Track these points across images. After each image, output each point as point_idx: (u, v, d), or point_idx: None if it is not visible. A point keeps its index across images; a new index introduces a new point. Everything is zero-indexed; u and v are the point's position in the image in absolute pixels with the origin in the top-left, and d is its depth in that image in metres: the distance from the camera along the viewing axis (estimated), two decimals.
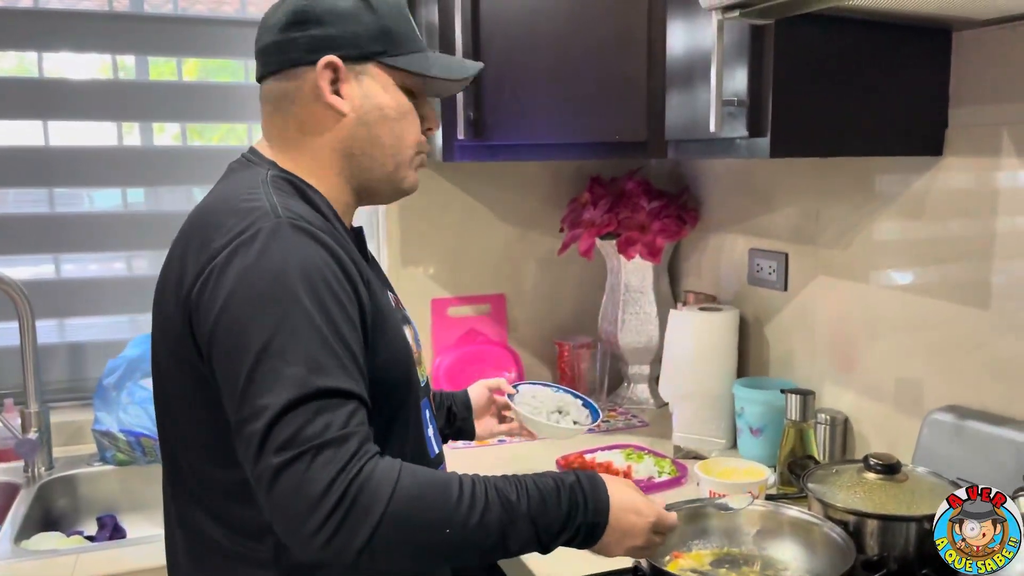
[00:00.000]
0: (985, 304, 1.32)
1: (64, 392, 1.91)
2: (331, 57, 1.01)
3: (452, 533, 0.88)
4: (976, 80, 1.30)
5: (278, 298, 0.87)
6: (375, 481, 0.85)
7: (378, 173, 1.07)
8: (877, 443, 1.54)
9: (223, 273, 0.89)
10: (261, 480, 0.85)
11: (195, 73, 2.01)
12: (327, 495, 0.83)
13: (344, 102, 1.02)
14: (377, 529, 0.84)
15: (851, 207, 1.56)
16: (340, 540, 0.83)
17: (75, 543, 1.53)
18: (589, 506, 0.97)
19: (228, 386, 0.89)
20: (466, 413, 1.41)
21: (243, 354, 0.86)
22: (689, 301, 1.97)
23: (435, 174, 2.02)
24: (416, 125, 1.08)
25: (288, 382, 0.85)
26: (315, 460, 0.83)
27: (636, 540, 1.01)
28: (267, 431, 0.84)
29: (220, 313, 0.89)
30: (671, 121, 1.52)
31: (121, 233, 1.95)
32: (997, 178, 1.29)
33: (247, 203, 0.95)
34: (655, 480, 1.57)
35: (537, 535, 0.93)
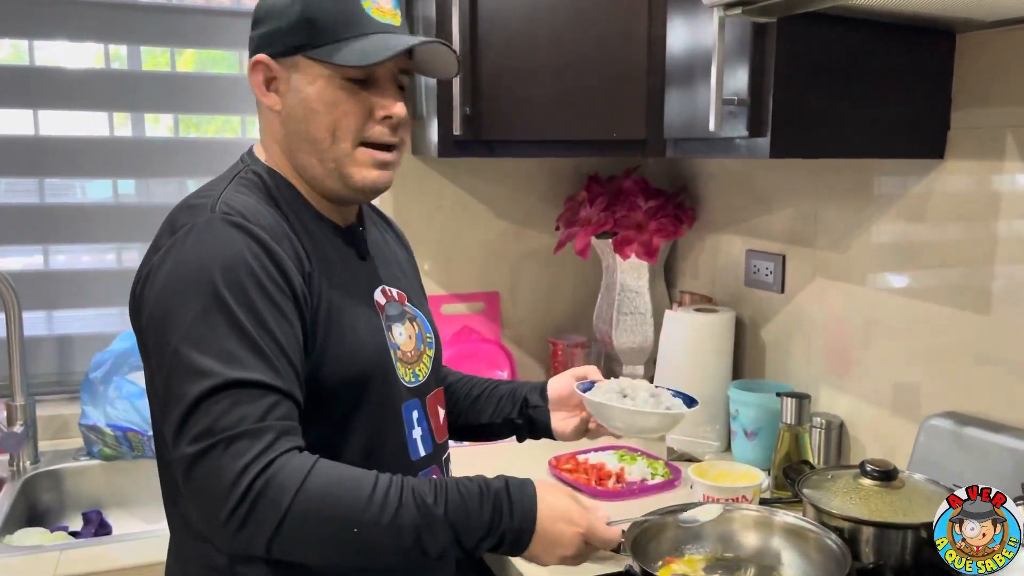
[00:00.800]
0: (985, 309, 1.30)
1: (51, 385, 1.89)
2: (259, 56, 1.02)
3: (360, 532, 0.88)
4: (979, 82, 1.28)
5: (200, 291, 0.90)
6: (283, 475, 0.86)
7: (317, 170, 1.03)
8: (873, 448, 1.52)
9: (158, 270, 0.93)
10: (179, 469, 0.88)
11: (191, 65, 1.99)
12: (235, 486, 0.85)
13: (277, 99, 1.03)
14: (283, 523, 0.86)
15: (850, 209, 1.54)
16: (248, 531, 0.85)
17: (59, 539, 1.51)
18: (515, 514, 0.95)
19: (156, 377, 0.92)
20: (539, 401, 1.27)
21: (164, 346, 0.90)
22: (685, 302, 1.96)
23: (430, 170, 2.00)
24: (354, 117, 1.01)
25: (205, 373, 0.87)
26: (226, 451, 0.86)
27: (567, 550, 0.98)
28: (183, 421, 0.87)
29: (151, 308, 0.93)
30: (670, 119, 1.50)
31: (111, 225, 1.93)
32: (999, 182, 1.27)
33: (197, 200, 0.98)
34: (648, 482, 1.56)
35: (457, 539, 0.92)
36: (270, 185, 1.03)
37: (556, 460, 1.63)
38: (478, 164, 2.04)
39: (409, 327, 1.12)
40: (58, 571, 1.27)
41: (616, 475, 1.57)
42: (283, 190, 1.04)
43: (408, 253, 1.29)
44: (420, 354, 1.13)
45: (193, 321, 0.89)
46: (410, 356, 1.11)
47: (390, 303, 1.11)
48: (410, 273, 1.24)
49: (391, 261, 1.18)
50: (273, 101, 1.02)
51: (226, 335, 0.89)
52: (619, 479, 1.56)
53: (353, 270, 1.08)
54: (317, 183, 1.05)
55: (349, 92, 1.01)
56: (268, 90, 1.03)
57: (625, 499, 1.50)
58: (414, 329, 1.13)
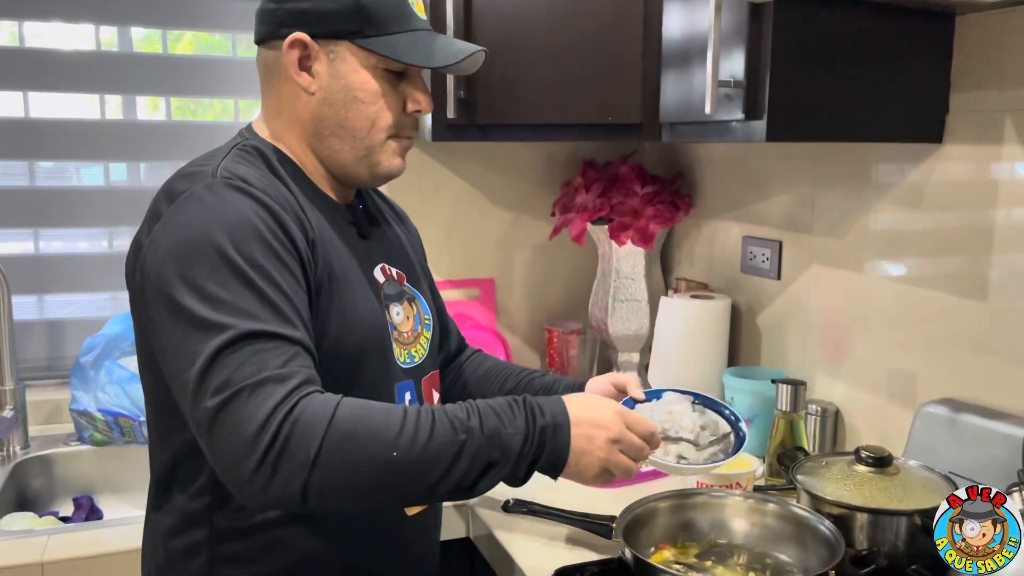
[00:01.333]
0: (982, 297, 1.29)
1: (42, 370, 1.87)
2: (298, 34, 0.99)
3: (398, 457, 0.85)
4: (979, 65, 1.27)
5: (207, 253, 0.88)
6: (310, 414, 0.84)
7: (347, 156, 1.04)
8: (868, 435, 1.51)
9: (161, 235, 0.91)
10: (200, 428, 0.85)
11: (189, 48, 1.97)
12: (262, 432, 0.82)
13: (312, 81, 1.01)
14: (316, 461, 0.82)
15: (847, 195, 1.53)
16: (280, 478, 0.82)
17: (48, 524, 1.50)
18: (546, 411, 0.94)
19: (167, 344, 0.89)
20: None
21: (174, 310, 0.87)
22: (681, 288, 1.95)
23: (424, 155, 1.98)
24: (393, 109, 1.03)
25: (221, 326, 0.85)
26: (251, 398, 0.83)
27: (609, 431, 0.97)
28: (201, 376, 0.84)
29: (156, 274, 0.90)
30: (666, 103, 1.48)
31: (103, 209, 1.92)
32: (997, 167, 1.25)
33: (194, 169, 0.97)
34: (643, 469, 1.54)
35: (497, 450, 0.89)
36: (271, 158, 1.02)
37: None
38: (473, 149, 2.02)
39: (407, 307, 1.11)
40: (46, 556, 1.26)
41: None
42: (284, 164, 1.03)
43: (410, 233, 1.28)
44: (417, 335, 1.12)
45: (204, 281, 0.87)
46: (407, 337, 1.10)
47: (389, 282, 1.10)
48: (411, 253, 1.23)
49: (391, 240, 1.18)
50: (307, 82, 1.01)
51: (238, 292, 0.87)
52: None
53: (353, 247, 1.07)
54: (341, 167, 1.05)
55: (390, 84, 1.02)
56: (301, 70, 1.01)
57: (620, 485, 1.49)
58: (412, 310, 1.13)
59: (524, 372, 1.30)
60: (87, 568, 1.27)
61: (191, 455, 0.98)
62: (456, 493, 0.90)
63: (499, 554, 1.31)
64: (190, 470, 1.00)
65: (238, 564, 1.00)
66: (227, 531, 1.00)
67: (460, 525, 1.44)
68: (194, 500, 1.00)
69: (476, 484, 0.90)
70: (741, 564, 1.15)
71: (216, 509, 0.99)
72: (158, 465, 1.04)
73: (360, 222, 1.11)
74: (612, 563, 1.15)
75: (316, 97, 1.01)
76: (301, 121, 1.03)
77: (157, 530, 1.05)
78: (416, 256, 1.25)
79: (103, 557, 1.28)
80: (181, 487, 1.01)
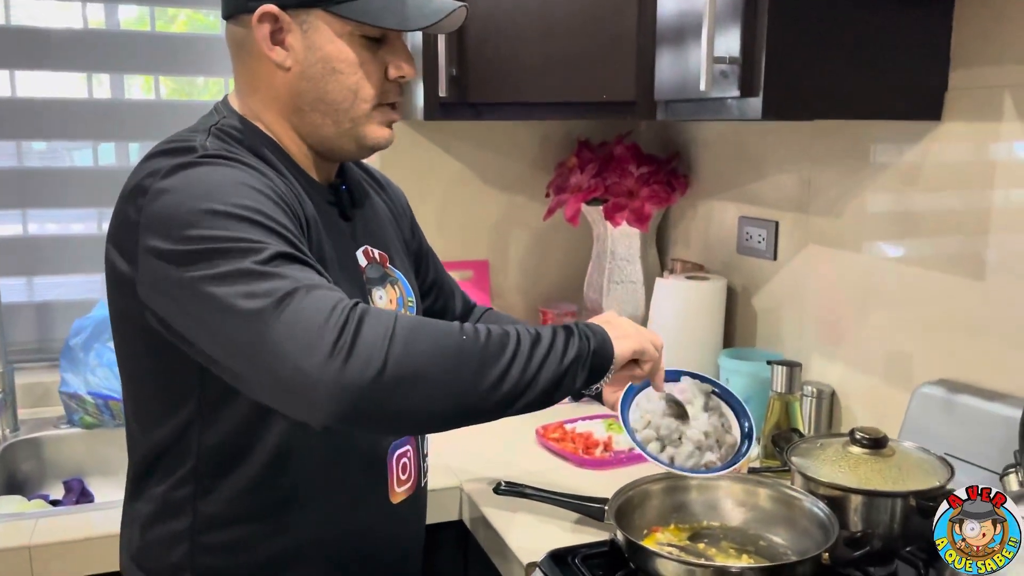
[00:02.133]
0: (979, 277, 1.28)
1: (31, 353, 1.85)
2: (267, 7, 0.94)
3: (468, 341, 0.84)
4: (979, 41, 1.24)
5: (216, 212, 0.83)
6: (374, 310, 0.81)
7: (330, 130, 1.00)
8: (864, 417, 1.50)
9: (155, 205, 0.86)
10: (251, 327, 0.78)
11: (183, 28, 1.94)
12: (332, 315, 0.78)
13: (287, 55, 0.96)
14: (393, 336, 0.78)
15: (844, 175, 1.51)
16: (358, 358, 0.76)
17: (36, 507, 1.49)
18: (580, 326, 0.95)
19: (192, 310, 0.83)
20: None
21: (193, 277, 0.82)
22: (676, 270, 1.93)
23: (417, 134, 1.96)
24: (374, 77, 0.99)
25: (257, 248, 0.81)
26: (309, 295, 0.79)
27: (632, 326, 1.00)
28: (248, 281, 0.79)
29: (157, 251, 0.85)
30: (661, 80, 1.46)
31: (92, 189, 1.89)
32: (996, 146, 1.23)
33: (178, 144, 0.92)
34: (636, 451, 1.53)
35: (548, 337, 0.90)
36: (249, 139, 0.98)
37: (543, 429, 1.61)
38: (467, 129, 2.00)
39: (390, 291, 1.09)
40: (34, 539, 1.25)
41: (604, 444, 1.55)
42: (266, 144, 0.99)
43: (393, 201, 1.24)
44: None
45: (221, 237, 0.82)
46: None
47: (371, 265, 1.08)
48: (393, 229, 1.19)
49: (373, 218, 1.14)
50: (281, 56, 0.96)
51: (253, 230, 0.83)
52: (607, 448, 1.54)
53: (337, 230, 1.04)
54: (325, 142, 1.01)
55: (369, 51, 0.97)
56: (274, 44, 0.96)
57: (613, 468, 1.48)
58: (395, 293, 1.10)
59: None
60: (76, 551, 1.26)
61: (175, 443, 0.97)
62: (524, 384, 0.86)
63: (491, 537, 1.30)
64: (173, 459, 0.98)
65: (220, 554, 0.99)
66: (210, 521, 0.98)
67: (453, 508, 1.43)
68: (176, 489, 0.98)
69: (540, 370, 0.87)
70: (733, 546, 1.14)
71: (200, 498, 0.98)
72: (137, 455, 1.02)
73: (343, 203, 1.07)
74: (605, 546, 1.15)
75: (293, 72, 0.97)
76: (279, 98, 0.99)
77: (136, 519, 1.04)
78: (399, 229, 1.21)
79: (92, 540, 1.27)
80: (163, 476, 0.99)
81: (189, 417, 0.96)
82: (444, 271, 1.34)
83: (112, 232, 0.93)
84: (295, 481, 0.99)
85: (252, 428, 0.96)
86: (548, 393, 0.88)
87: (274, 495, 0.99)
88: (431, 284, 1.30)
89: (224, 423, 0.95)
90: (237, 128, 0.99)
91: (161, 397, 0.97)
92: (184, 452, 0.97)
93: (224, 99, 1.04)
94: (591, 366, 0.92)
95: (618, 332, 0.97)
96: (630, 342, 0.98)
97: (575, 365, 0.90)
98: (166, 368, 0.94)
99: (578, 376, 0.91)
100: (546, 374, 0.88)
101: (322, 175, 1.06)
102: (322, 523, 1.02)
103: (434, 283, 1.31)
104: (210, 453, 0.97)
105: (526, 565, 1.17)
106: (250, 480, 0.98)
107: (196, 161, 0.89)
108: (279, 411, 0.85)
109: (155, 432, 0.98)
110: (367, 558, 1.07)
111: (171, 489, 0.99)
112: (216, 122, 0.99)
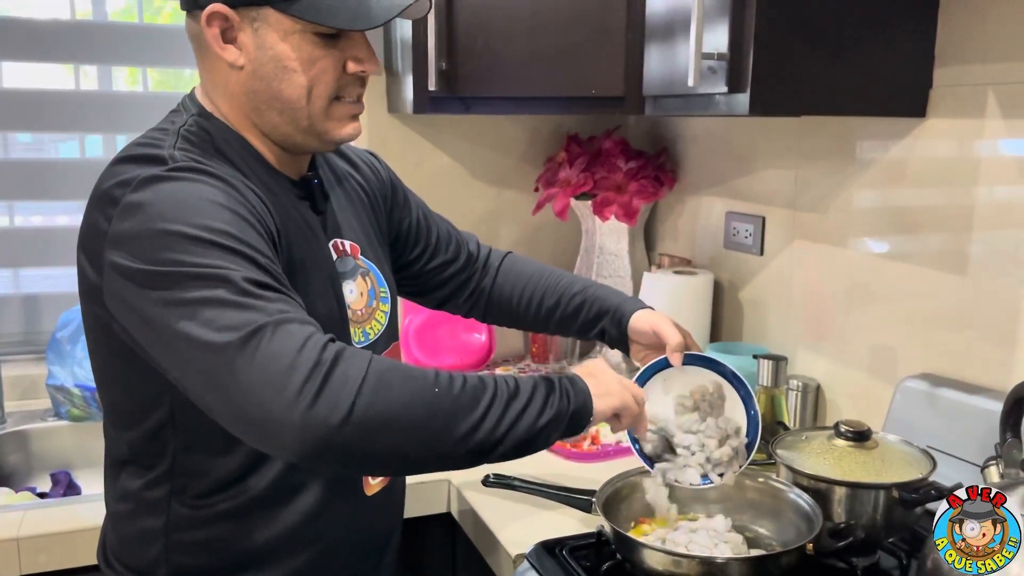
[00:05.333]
0: (962, 273, 1.29)
1: (17, 345, 1.84)
2: (216, 6, 0.91)
3: (442, 392, 0.82)
4: (963, 38, 1.26)
5: (182, 234, 0.82)
6: (348, 351, 0.80)
7: (289, 128, 0.97)
8: (849, 410, 1.52)
9: (127, 219, 0.84)
10: (218, 362, 0.77)
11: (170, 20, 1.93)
12: (302, 353, 0.77)
13: (239, 54, 0.94)
14: (364, 382, 0.77)
15: (831, 171, 1.52)
16: (326, 400, 0.75)
17: (24, 499, 1.49)
18: (559, 377, 0.94)
19: (153, 316, 0.82)
20: (617, 335, 1.26)
21: (157, 286, 0.81)
22: (664, 264, 1.94)
23: (407, 129, 1.96)
24: (330, 74, 0.95)
25: (220, 279, 0.80)
26: (277, 331, 0.77)
27: (615, 383, 0.98)
28: (205, 323, 0.78)
29: (123, 269, 0.83)
30: (649, 76, 1.47)
31: (79, 182, 1.88)
32: (980, 143, 1.25)
33: (145, 151, 0.90)
34: (623, 444, 1.55)
35: (528, 388, 0.89)
36: (218, 140, 0.96)
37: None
38: (456, 123, 2.00)
39: (361, 283, 1.08)
40: (21, 531, 1.25)
41: (591, 437, 1.56)
42: (233, 144, 0.97)
43: (367, 179, 1.20)
44: (372, 311, 1.10)
45: (191, 263, 0.80)
46: (360, 315, 1.07)
47: (341, 259, 1.06)
48: (367, 215, 1.16)
49: (346, 206, 1.12)
50: (233, 56, 0.93)
51: (221, 256, 0.81)
52: (594, 441, 1.55)
53: (307, 225, 1.02)
54: (287, 140, 0.99)
55: (324, 48, 0.94)
56: (226, 43, 0.93)
57: (600, 461, 1.49)
58: (366, 285, 1.09)
59: (558, 293, 1.29)
60: (63, 543, 1.26)
61: (148, 444, 0.97)
62: (496, 440, 0.85)
63: (480, 529, 1.31)
64: (147, 459, 0.98)
65: (195, 552, 0.99)
66: (185, 519, 0.98)
67: (441, 500, 1.44)
68: (151, 488, 0.98)
69: (514, 427, 0.86)
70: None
71: (174, 498, 0.97)
72: (113, 453, 1.02)
73: (313, 197, 1.05)
74: (592, 537, 1.16)
75: (245, 71, 0.94)
76: (235, 96, 0.96)
77: (112, 515, 1.04)
78: (374, 212, 1.18)
79: (79, 532, 1.26)
80: (138, 474, 0.99)
81: (161, 420, 0.95)
82: (445, 223, 1.34)
83: (82, 238, 0.92)
84: (269, 480, 0.98)
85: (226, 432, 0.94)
86: (519, 449, 0.87)
87: (248, 494, 0.98)
88: (436, 241, 1.30)
89: (197, 427, 0.94)
90: (204, 128, 0.96)
91: (133, 401, 0.96)
92: (158, 453, 0.96)
93: (191, 92, 1.02)
94: (567, 426, 0.92)
95: (600, 389, 0.96)
96: (611, 400, 0.96)
97: (550, 426, 0.89)
98: (137, 373, 0.93)
99: (552, 436, 0.90)
100: (519, 431, 0.86)
101: (292, 169, 1.03)
102: (297, 518, 1.01)
103: (439, 238, 1.31)
104: (184, 454, 0.97)
105: (514, 557, 1.17)
106: (224, 481, 0.97)
107: (166, 175, 0.86)
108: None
109: (128, 433, 0.98)
110: (343, 550, 1.07)
111: (146, 488, 0.98)
112: (184, 123, 0.96)
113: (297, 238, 0.98)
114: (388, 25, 1.81)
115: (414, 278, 1.31)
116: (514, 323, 1.36)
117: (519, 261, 1.37)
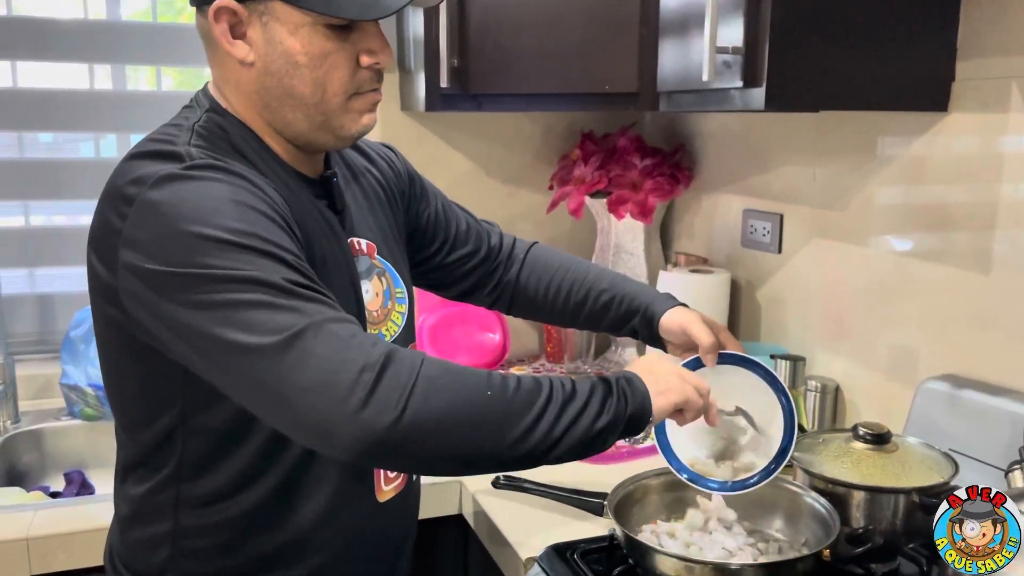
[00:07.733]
0: (985, 272, 1.26)
1: (32, 344, 1.85)
2: (223, 1, 0.89)
3: (495, 395, 0.81)
4: (985, 30, 1.22)
5: (205, 234, 0.80)
6: (400, 351, 0.79)
7: (303, 126, 0.95)
8: (869, 412, 1.48)
9: (136, 222, 0.82)
10: (263, 373, 0.76)
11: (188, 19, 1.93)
12: (348, 357, 0.76)
13: (248, 49, 0.91)
14: (418, 377, 0.77)
15: (850, 167, 1.49)
16: (377, 403, 0.75)
17: (36, 499, 1.49)
18: (614, 375, 0.92)
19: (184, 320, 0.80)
20: (648, 334, 1.23)
21: (191, 303, 0.79)
22: (680, 263, 1.92)
23: (420, 126, 1.95)
24: (344, 68, 0.92)
25: (257, 282, 0.78)
26: (320, 333, 0.77)
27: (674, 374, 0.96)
28: (243, 328, 0.76)
29: (144, 271, 0.82)
30: (664, 71, 1.44)
31: (94, 181, 1.87)
32: (1003, 138, 1.22)
33: (160, 147, 0.88)
34: (637, 447, 1.53)
35: (584, 391, 0.87)
36: (234, 137, 0.94)
37: None
38: (470, 121, 1.99)
39: (376, 283, 1.06)
40: (31, 531, 1.25)
41: None
42: (249, 141, 0.95)
43: (383, 172, 1.18)
44: (388, 312, 1.08)
45: (219, 256, 0.79)
46: (376, 316, 1.06)
47: (358, 258, 1.05)
48: (386, 212, 1.15)
49: (362, 202, 1.10)
50: (243, 52, 0.91)
51: (250, 260, 0.80)
52: None
53: (327, 226, 1.00)
54: (301, 137, 0.96)
55: (336, 41, 0.91)
56: (235, 38, 0.91)
57: (613, 463, 1.47)
58: (382, 285, 1.08)
59: (587, 290, 1.26)
60: (74, 543, 1.26)
61: (158, 448, 0.95)
62: (552, 442, 0.83)
63: (491, 531, 1.29)
64: (156, 462, 0.96)
65: (204, 558, 0.98)
66: (192, 525, 0.97)
67: (452, 502, 1.43)
68: (158, 492, 0.97)
69: (570, 430, 0.84)
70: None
71: (182, 503, 0.96)
72: (123, 455, 1.01)
73: (331, 195, 1.03)
74: (604, 540, 1.14)
75: (256, 67, 0.91)
76: (248, 94, 0.94)
77: (119, 518, 1.03)
78: (392, 208, 1.16)
79: (90, 532, 1.26)
80: (146, 478, 0.97)
81: (172, 423, 0.94)
82: (466, 214, 1.31)
83: (93, 236, 0.90)
84: (278, 485, 0.97)
85: (235, 434, 0.94)
86: (576, 452, 0.86)
87: (257, 499, 0.97)
88: (456, 233, 1.28)
89: (207, 430, 0.93)
90: (219, 124, 0.94)
91: (144, 403, 0.95)
92: (167, 456, 0.95)
93: (204, 88, 1.00)
94: (625, 428, 0.90)
95: (659, 386, 0.93)
96: (671, 396, 0.94)
97: (608, 430, 0.87)
98: (148, 375, 0.92)
99: (610, 439, 0.88)
100: (575, 435, 0.85)
101: (308, 167, 1.01)
102: (306, 524, 0.99)
103: (459, 230, 1.28)
104: (193, 459, 0.95)
105: (525, 560, 1.16)
106: (232, 486, 0.96)
107: (185, 174, 0.84)
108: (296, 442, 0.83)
109: (139, 436, 0.97)
110: (354, 556, 1.05)
111: (153, 492, 0.97)
112: (198, 119, 0.94)
113: (318, 237, 0.97)
114: (400, 22, 1.80)
115: (435, 270, 1.29)
116: (540, 317, 1.33)
117: (545, 252, 1.33)
